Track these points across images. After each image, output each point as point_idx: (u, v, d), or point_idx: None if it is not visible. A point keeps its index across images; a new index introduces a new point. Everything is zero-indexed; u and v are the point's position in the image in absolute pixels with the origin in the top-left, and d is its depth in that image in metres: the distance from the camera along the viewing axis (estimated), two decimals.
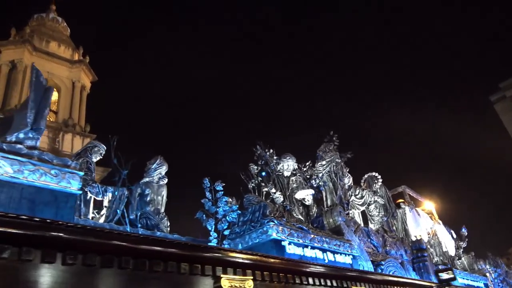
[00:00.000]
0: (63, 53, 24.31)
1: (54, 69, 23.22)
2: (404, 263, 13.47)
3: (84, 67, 24.41)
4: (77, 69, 24.03)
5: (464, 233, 22.46)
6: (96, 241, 4.35)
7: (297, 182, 11.32)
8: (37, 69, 4.88)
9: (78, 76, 23.79)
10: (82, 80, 24.01)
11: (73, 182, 5.12)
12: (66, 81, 23.51)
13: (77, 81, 23.69)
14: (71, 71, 23.84)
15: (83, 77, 24.33)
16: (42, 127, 4.89)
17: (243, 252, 6.05)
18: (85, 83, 24.37)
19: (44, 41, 23.89)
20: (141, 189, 8.91)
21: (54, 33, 25.26)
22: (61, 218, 4.79)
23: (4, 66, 21.63)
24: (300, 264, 7.19)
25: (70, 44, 25.42)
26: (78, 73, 23.92)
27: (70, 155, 20.40)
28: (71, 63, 24.04)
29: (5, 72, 21.56)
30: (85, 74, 24.54)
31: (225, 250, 5.99)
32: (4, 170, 4.53)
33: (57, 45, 24.31)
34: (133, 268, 4.66)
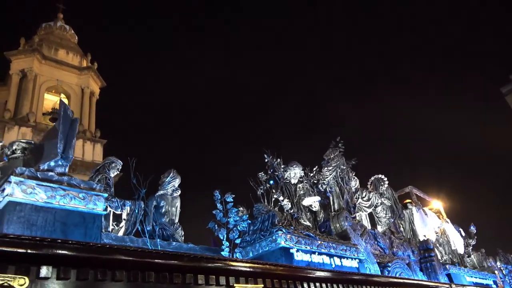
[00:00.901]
0: (72, 60, 25.03)
1: (63, 76, 23.94)
2: (411, 263, 13.84)
3: (93, 74, 25.08)
4: (85, 75, 24.69)
5: (473, 230, 22.58)
6: (122, 258, 4.89)
7: (304, 189, 11.80)
8: (64, 103, 5.45)
9: (87, 82, 24.48)
10: (91, 86, 24.69)
11: (99, 204, 5.68)
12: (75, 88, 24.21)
13: (86, 88, 24.36)
14: (80, 77, 24.53)
15: (92, 83, 24.98)
16: (70, 156, 5.45)
17: (254, 262, 6.56)
18: (94, 89, 25.04)
19: (53, 49, 24.63)
20: (156, 202, 9.49)
21: (62, 41, 26.00)
22: (89, 237, 5.37)
23: (15, 76, 22.37)
24: (307, 271, 7.67)
25: (78, 51, 26.13)
26: (86, 79, 24.60)
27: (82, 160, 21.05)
28: (80, 70, 24.72)
29: (16, 81, 22.31)
30: (93, 80, 25.19)
31: (237, 260, 6.50)
32: (40, 196, 5.10)
33: (65, 52, 25.04)
34: (155, 281, 5.19)
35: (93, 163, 21.22)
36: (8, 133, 20.31)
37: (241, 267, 6.25)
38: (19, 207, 4.89)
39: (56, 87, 23.85)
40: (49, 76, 23.54)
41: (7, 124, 20.44)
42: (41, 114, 22.52)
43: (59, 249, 4.32)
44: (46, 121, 22.57)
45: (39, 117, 22.22)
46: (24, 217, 4.87)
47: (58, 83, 23.73)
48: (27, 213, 4.92)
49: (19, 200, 4.92)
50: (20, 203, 4.91)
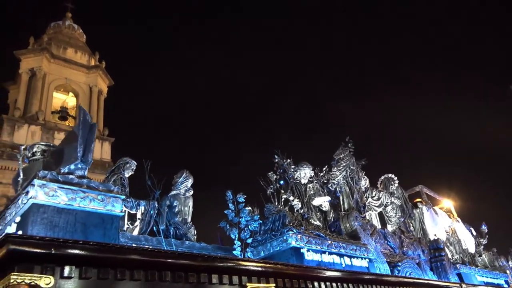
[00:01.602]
0: (80, 59, 25.32)
1: (71, 75, 24.23)
2: (421, 263, 13.87)
3: (101, 72, 25.33)
4: (93, 74, 24.94)
5: (484, 229, 22.40)
6: (140, 259, 5.10)
7: (314, 189, 11.93)
8: (84, 110, 5.67)
9: (95, 81, 24.73)
10: (99, 85, 24.94)
11: (116, 205, 5.90)
12: (84, 87, 24.52)
13: (94, 86, 24.63)
14: (88, 76, 24.79)
15: (100, 82, 25.25)
16: (89, 159, 5.68)
17: (266, 262, 6.73)
18: (102, 88, 25.30)
19: (62, 48, 24.90)
20: (169, 201, 9.73)
21: (70, 40, 26.31)
22: (108, 238, 5.59)
23: (24, 74, 22.71)
24: (317, 270, 7.81)
25: (87, 50, 26.43)
26: (95, 78, 24.85)
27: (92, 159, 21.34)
28: (88, 69, 24.99)
29: (25, 80, 22.65)
30: (101, 79, 25.46)
31: (250, 260, 6.68)
32: (61, 198, 5.33)
33: (74, 51, 25.31)
34: (171, 281, 5.40)
35: (101, 161, 21.60)
36: (17, 131, 20.71)
37: (253, 266, 6.43)
38: (42, 209, 5.12)
39: (65, 85, 24.19)
40: (57, 74, 23.87)
41: (17, 122, 20.81)
42: (50, 112, 22.86)
43: (81, 250, 4.53)
44: (55, 120, 22.94)
45: (48, 116, 22.58)
46: (47, 219, 5.10)
47: (66, 82, 24.05)
48: (49, 214, 5.15)
49: (42, 202, 5.16)
50: (43, 205, 5.15)
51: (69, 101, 24.66)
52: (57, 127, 22.10)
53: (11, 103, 24.03)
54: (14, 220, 5.37)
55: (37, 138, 21.02)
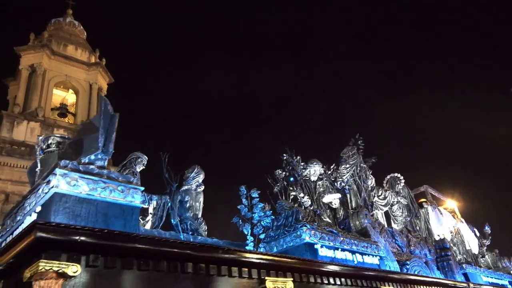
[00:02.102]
0: (80, 56, 25.16)
1: (71, 72, 24.06)
2: (429, 262, 13.86)
3: (101, 69, 25.17)
4: (94, 71, 24.77)
5: (488, 230, 22.43)
6: (163, 250, 5.03)
7: (323, 186, 11.87)
8: (105, 99, 5.60)
9: (95, 78, 24.57)
10: (99, 82, 24.77)
11: (136, 197, 5.83)
12: (84, 84, 24.37)
13: (94, 83, 24.45)
14: (88, 73, 24.62)
15: (100, 79, 25.09)
16: (110, 149, 5.61)
17: (284, 256, 6.68)
18: (102, 85, 25.15)
19: (62, 45, 24.71)
20: (181, 197, 9.65)
21: (71, 37, 26.16)
22: (128, 229, 5.51)
23: (24, 71, 22.55)
24: (333, 266, 7.76)
25: (87, 47, 26.29)
26: (95, 75, 24.67)
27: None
28: (88, 66, 24.82)
29: (25, 76, 22.50)
30: (101, 76, 25.31)
31: (269, 254, 6.62)
32: (82, 188, 5.26)
33: (74, 48, 25.11)
34: (193, 272, 5.34)
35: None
36: (17, 127, 20.59)
37: (272, 260, 6.37)
38: (64, 199, 5.05)
39: (65, 82, 24.06)
40: (58, 71, 23.74)
41: (17, 118, 20.69)
42: (49, 109, 22.72)
43: (106, 239, 4.47)
44: (54, 116, 22.81)
45: (48, 112, 22.44)
46: (69, 208, 5.03)
47: (66, 79, 23.92)
48: (71, 204, 5.08)
49: (64, 191, 5.08)
50: (65, 194, 5.07)
51: (69, 98, 24.55)
52: (56, 124, 21.96)
53: (11, 99, 23.89)
54: (34, 210, 5.29)
55: (36, 134, 20.89)
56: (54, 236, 4.02)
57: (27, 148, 20.26)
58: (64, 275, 4.05)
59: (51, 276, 3.96)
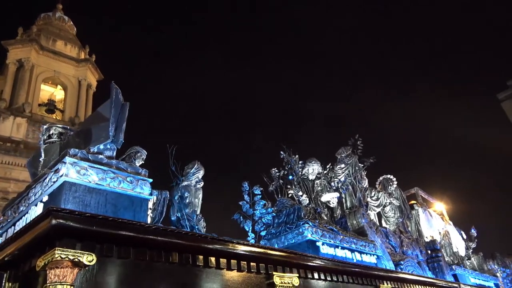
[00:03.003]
0: (70, 51, 24.79)
1: (60, 67, 23.67)
2: (421, 262, 14.02)
3: (90, 66, 24.85)
4: (83, 67, 24.46)
5: (474, 233, 22.87)
6: (175, 242, 4.94)
7: (321, 185, 11.91)
8: (116, 87, 5.47)
9: (84, 74, 24.25)
10: (88, 78, 24.47)
11: (145, 188, 5.71)
12: (73, 80, 23.95)
13: (83, 80, 24.13)
14: (77, 69, 24.29)
15: (89, 75, 24.77)
16: (121, 139, 5.48)
17: (291, 252, 6.64)
18: (91, 82, 24.83)
19: (51, 40, 24.34)
20: (180, 192, 9.51)
21: (60, 32, 25.74)
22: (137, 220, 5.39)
23: (12, 65, 22.11)
24: (335, 263, 7.76)
25: (77, 43, 25.87)
26: (84, 71, 24.36)
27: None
28: (78, 62, 24.49)
29: (12, 70, 22.06)
30: (91, 72, 24.98)
31: (277, 249, 6.57)
32: (92, 178, 5.12)
33: (63, 44, 24.76)
34: (204, 265, 5.26)
35: None
36: (3, 123, 20.11)
37: (280, 256, 6.33)
38: (74, 188, 4.90)
39: (53, 78, 23.62)
40: (46, 66, 23.30)
41: (3, 114, 20.17)
42: (37, 104, 22.30)
43: (121, 229, 4.35)
44: (42, 112, 22.35)
45: (35, 108, 21.98)
46: (79, 198, 4.89)
47: (55, 74, 23.49)
48: (81, 193, 4.94)
49: (74, 180, 4.94)
50: (75, 183, 4.93)
51: (57, 94, 24.02)
52: (44, 120, 21.39)
53: None
54: (40, 199, 5.12)
55: (23, 130, 20.43)
56: (70, 223, 3.89)
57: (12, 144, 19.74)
58: (79, 264, 3.92)
59: (66, 265, 3.82)
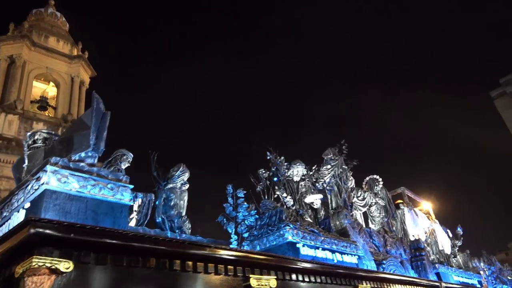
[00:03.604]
0: (62, 48, 24.60)
1: (53, 64, 23.51)
2: (404, 262, 14.37)
3: (83, 63, 24.69)
4: (76, 64, 24.28)
5: (460, 232, 23.29)
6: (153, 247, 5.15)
7: (306, 186, 12.17)
8: (97, 97, 5.65)
9: (77, 71, 24.10)
10: (81, 75, 24.32)
11: (125, 194, 5.92)
12: (65, 77, 23.82)
13: (76, 77, 23.98)
14: (70, 66, 24.12)
15: (82, 72, 24.61)
16: (101, 147, 5.67)
17: (268, 254, 6.88)
18: (84, 79, 24.69)
19: (43, 36, 24.14)
20: (166, 195, 9.71)
21: (53, 28, 25.55)
22: (117, 226, 5.59)
23: (3, 61, 21.96)
24: (314, 265, 8.02)
25: (69, 39, 25.70)
26: (77, 68, 24.20)
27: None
28: (70, 59, 24.31)
29: (3, 67, 21.93)
30: (84, 69, 24.82)
31: (253, 252, 6.80)
32: (72, 185, 5.31)
33: (56, 40, 24.56)
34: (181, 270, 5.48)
35: None
36: None
37: (257, 259, 6.56)
38: (55, 195, 5.10)
39: (45, 74, 23.48)
40: (38, 63, 23.14)
41: None
42: (29, 101, 22.20)
43: (99, 236, 4.55)
44: (34, 109, 22.23)
45: (27, 105, 21.87)
46: (60, 205, 5.08)
47: (47, 71, 23.35)
48: (61, 201, 5.13)
49: (55, 188, 5.13)
50: (55, 191, 5.12)
51: (50, 91, 23.90)
52: (36, 117, 21.45)
53: None
54: (22, 206, 5.31)
55: (14, 127, 20.40)
56: (47, 232, 4.08)
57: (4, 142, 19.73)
58: (56, 271, 4.12)
59: (43, 272, 4.02)
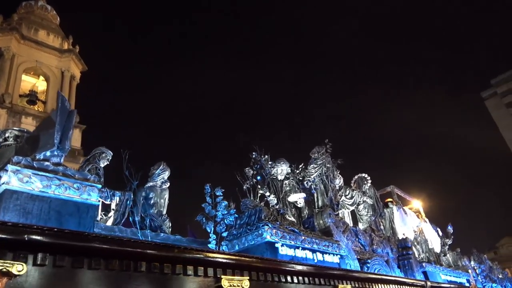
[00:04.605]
0: (52, 42, 24.37)
1: (42, 58, 23.25)
2: (390, 261, 14.35)
3: (74, 57, 24.46)
4: (66, 58, 24.06)
5: (450, 230, 23.31)
6: (115, 248, 5.06)
7: (290, 185, 12.10)
8: (62, 96, 5.55)
9: (67, 65, 23.87)
10: (71, 69, 24.10)
11: (93, 194, 5.83)
12: (55, 71, 23.56)
13: (67, 71, 23.76)
14: (60, 60, 23.89)
15: (73, 66, 24.40)
16: (67, 146, 5.57)
17: (241, 255, 6.82)
18: (74, 73, 24.47)
19: (33, 30, 23.88)
20: (145, 193, 9.63)
21: (43, 21, 25.29)
22: (83, 227, 5.52)
23: None
24: (290, 265, 7.97)
25: (60, 33, 25.45)
26: (67, 62, 23.98)
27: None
28: (61, 52, 24.07)
29: None
30: (74, 63, 24.60)
31: (225, 253, 6.74)
32: (35, 185, 5.22)
33: (46, 33, 24.32)
34: (147, 271, 5.40)
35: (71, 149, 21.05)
36: None
37: (228, 259, 6.49)
38: (15, 196, 5.00)
39: (35, 68, 23.24)
40: (27, 57, 22.88)
41: None
42: (17, 95, 21.99)
43: (55, 237, 4.46)
44: (23, 103, 22.03)
45: (16, 99, 21.64)
46: (20, 205, 4.99)
47: (37, 65, 23.12)
48: (23, 201, 5.04)
49: (16, 188, 5.03)
50: (16, 191, 5.03)
51: (39, 85, 23.65)
52: (24, 111, 21.25)
53: None
54: None
55: (2, 121, 20.20)
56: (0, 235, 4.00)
57: None
58: (8, 274, 4.04)
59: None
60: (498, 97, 50.83)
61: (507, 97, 49.87)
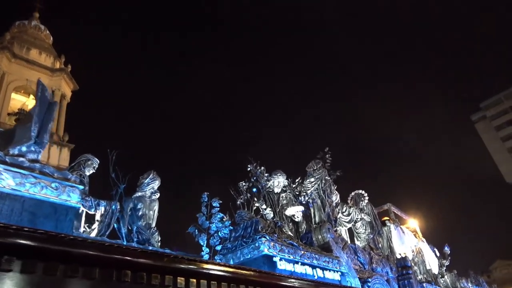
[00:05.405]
0: (44, 61, 24.26)
1: (33, 76, 22.78)
2: (390, 280, 13.67)
3: (65, 76, 24.37)
4: (57, 77, 23.95)
5: (447, 251, 22.77)
6: (97, 254, 4.41)
7: (287, 198, 11.52)
8: (42, 84, 5.00)
9: (58, 84, 23.70)
10: (62, 88, 23.93)
11: (73, 196, 5.20)
12: None
13: (57, 90, 23.55)
14: (52, 79, 23.69)
15: (64, 85, 24.26)
16: (45, 140, 4.98)
17: (238, 267, 6.16)
18: (65, 92, 24.27)
19: (25, 48, 23.79)
20: (133, 204, 8.93)
21: (35, 41, 25.24)
22: (60, 230, 4.85)
23: None
24: (290, 279, 7.30)
25: (52, 52, 25.37)
26: (58, 81, 23.84)
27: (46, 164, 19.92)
28: (52, 71, 23.97)
29: None
30: (65, 82, 24.49)
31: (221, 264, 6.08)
32: (7, 182, 4.59)
33: (38, 52, 24.23)
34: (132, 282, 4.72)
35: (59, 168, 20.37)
36: None
37: (224, 272, 5.84)
38: None
39: (25, 87, 22.92)
40: (18, 75, 22.65)
41: None
42: (6, 113, 21.52)
43: (25, 239, 3.82)
44: (11, 122, 21.52)
45: (4, 117, 21.20)
46: None
47: (27, 83, 22.82)
48: None
49: None
50: None
51: (29, 104, 23.28)
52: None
53: None
54: None
55: None
56: None
57: None
58: None
59: None
60: (488, 120, 51.56)
61: (496, 120, 50.55)
